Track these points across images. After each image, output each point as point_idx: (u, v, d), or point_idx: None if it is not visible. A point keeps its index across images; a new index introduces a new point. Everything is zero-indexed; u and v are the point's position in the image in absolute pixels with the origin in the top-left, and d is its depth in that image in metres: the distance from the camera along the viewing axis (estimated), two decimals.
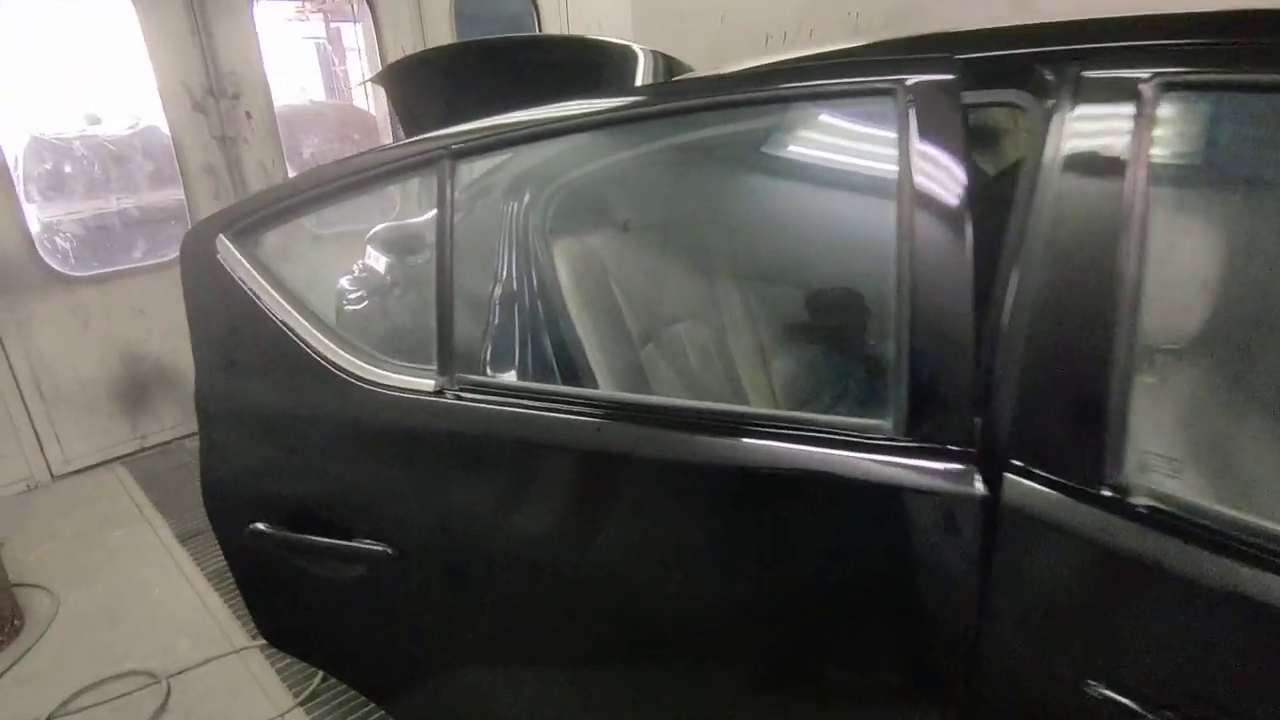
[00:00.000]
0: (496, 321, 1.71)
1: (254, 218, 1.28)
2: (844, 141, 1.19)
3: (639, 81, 2.09)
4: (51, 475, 3.68)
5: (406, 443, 1.17)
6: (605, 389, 1.50)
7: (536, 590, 1.12)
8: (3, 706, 2.31)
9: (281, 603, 1.33)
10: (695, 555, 1.05)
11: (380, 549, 1.16)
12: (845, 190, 1.27)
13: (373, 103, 5.65)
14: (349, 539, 1.18)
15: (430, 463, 1.16)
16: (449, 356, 1.18)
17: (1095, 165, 0.92)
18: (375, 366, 1.21)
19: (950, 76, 0.99)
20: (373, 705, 2.21)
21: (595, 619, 1.09)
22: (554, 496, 1.09)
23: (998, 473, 0.96)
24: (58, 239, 3.76)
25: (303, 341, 1.23)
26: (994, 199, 1.10)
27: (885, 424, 1.03)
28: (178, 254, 3.88)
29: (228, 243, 1.29)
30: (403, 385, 1.18)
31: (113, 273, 3.75)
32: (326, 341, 1.22)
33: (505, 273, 1.81)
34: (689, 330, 1.98)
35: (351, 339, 1.23)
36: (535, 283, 1.77)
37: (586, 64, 2.10)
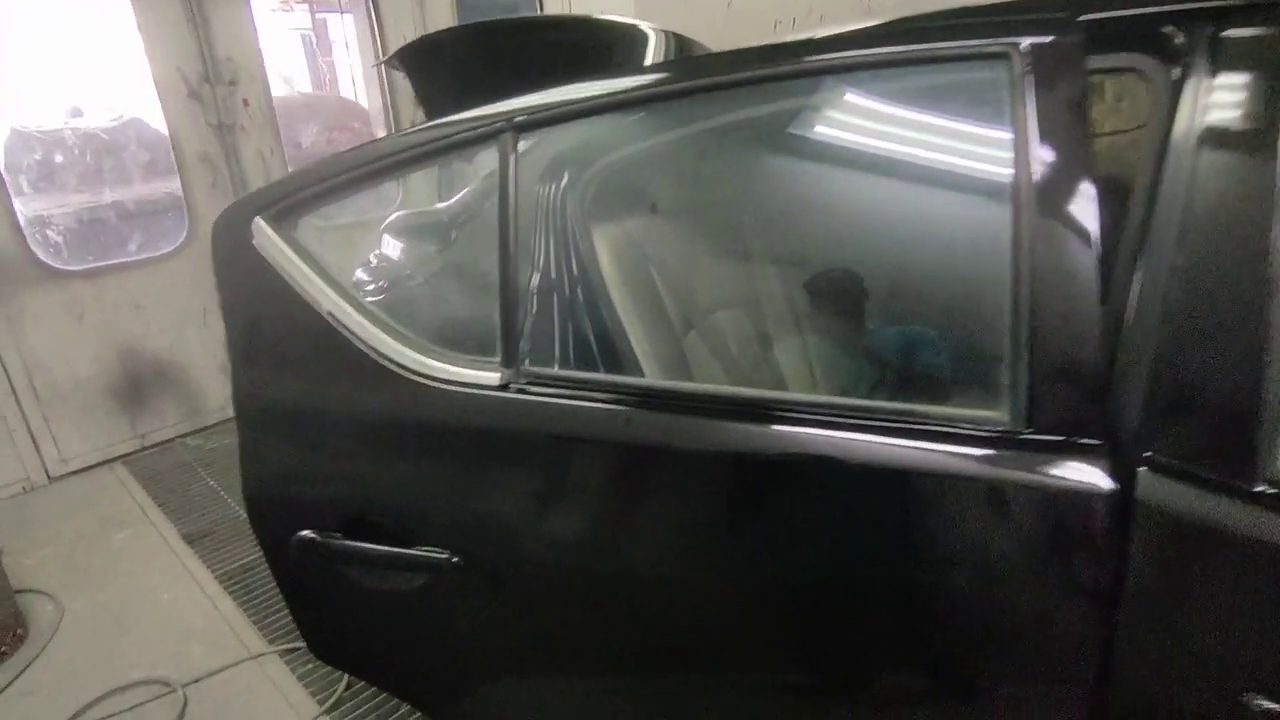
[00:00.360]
0: (534, 311, 1.62)
1: (294, 199, 1.19)
2: (939, 115, 1.11)
3: (649, 61, 2.00)
4: (48, 476, 3.56)
5: (470, 442, 1.08)
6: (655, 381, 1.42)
7: (615, 599, 1.04)
8: None
9: (332, 615, 1.24)
10: (824, 565, 0.97)
11: (443, 557, 1.07)
12: (938, 168, 1.19)
13: (364, 95, 5.53)
14: (407, 547, 1.09)
15: (497, 463, 1.07)
16: (514, 347, 1.09)
17: (1240, 139, 0.85)
18: (431, 359, 1.11)
19: (1074, 39, 0.91)
20: (402, 711, 2.13)
21: (691, 632, 1.01)
22: (638, 499, 1.01)
23: (1129, 468, 0.88)
24: (49, 232, 3.62)
25: (351, 334, 1.13)
26: (1111, 174, 1.02)
27: (1000, 415, 0.96)
28: (176, 246, 3.79)
29: (265, 226, 1.19)
30: (463, 379, 1.09)
31: (107, 267, 3.62)
32: (377, 333, 1.13)
33: (542, 259, 1.72)
34: (731, 318, 1.90)
35: (404, 330, 1.14)
36: (575, 270, 1.68)
37: (598, 44, 2.01)
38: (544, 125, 1.17)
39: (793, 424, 0.97)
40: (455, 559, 1.06)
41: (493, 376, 1.09)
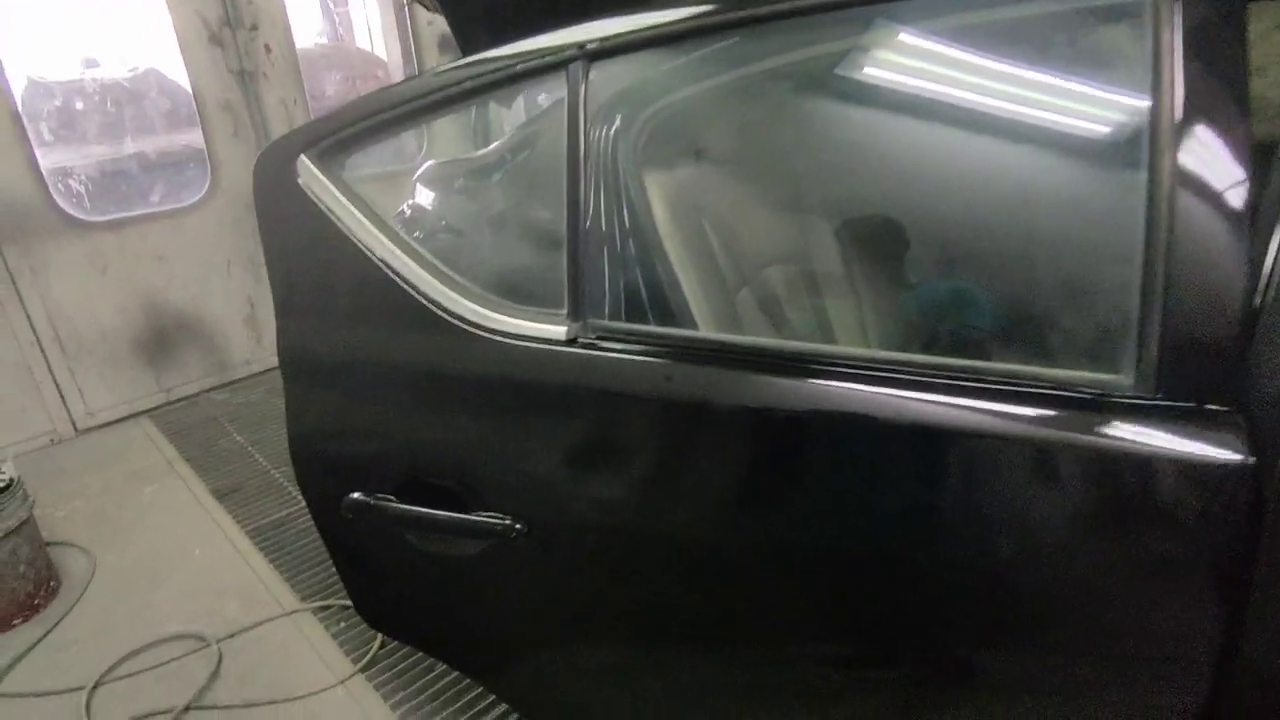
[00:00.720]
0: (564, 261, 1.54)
1: (341, 135, 1.10)
2: (1048, 44, 1.01)
3: None
4: (75, 429, 3.54)
5: (534, 400, 1.01)
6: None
7: (693, 570, 0.98)
8: (45, 673, 2.21)
9: (382, 581, 1.19)
10: (924, 538, 0.90)
11: (505, 523, 1.01)
12: (1046, 108, 1.09)
13: (381, 46, 5.38)
14: (465, 512, 1.02)
15: (564, 424, 1.00)
16: (582, 299, 1.02)
17: None
18: (492, 311, 1.04)
19: None
20: (437, 671, 2.11)
21: (780, 603, 0.95)
22: (718, 466, 0.94)
23: (1267, 438, 0.80)
24: (71, 183, 3.55)
25: (406, 283, 1.06)
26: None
27: (1121, 379, 0.87)
28: (199, 197, 3.72)
29: (310, 165, 1.11)
30: (527, 333, 1.02)
31: (130, 218, 3.56)
32: (435, 283, 1.05)
33: (591, 207, 1.63)
34: (786, 275, 1.81)
35: (463, 280, 1.06)
36: (626, 219, 1.59)
37: None
38: (619, 53, 1.08)
39: (895, 386, 0.89)
40: (518, 525, 1.00)
41: (559, 330, 1.01)
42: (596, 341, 1.00)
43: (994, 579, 0.93)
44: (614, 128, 1.66)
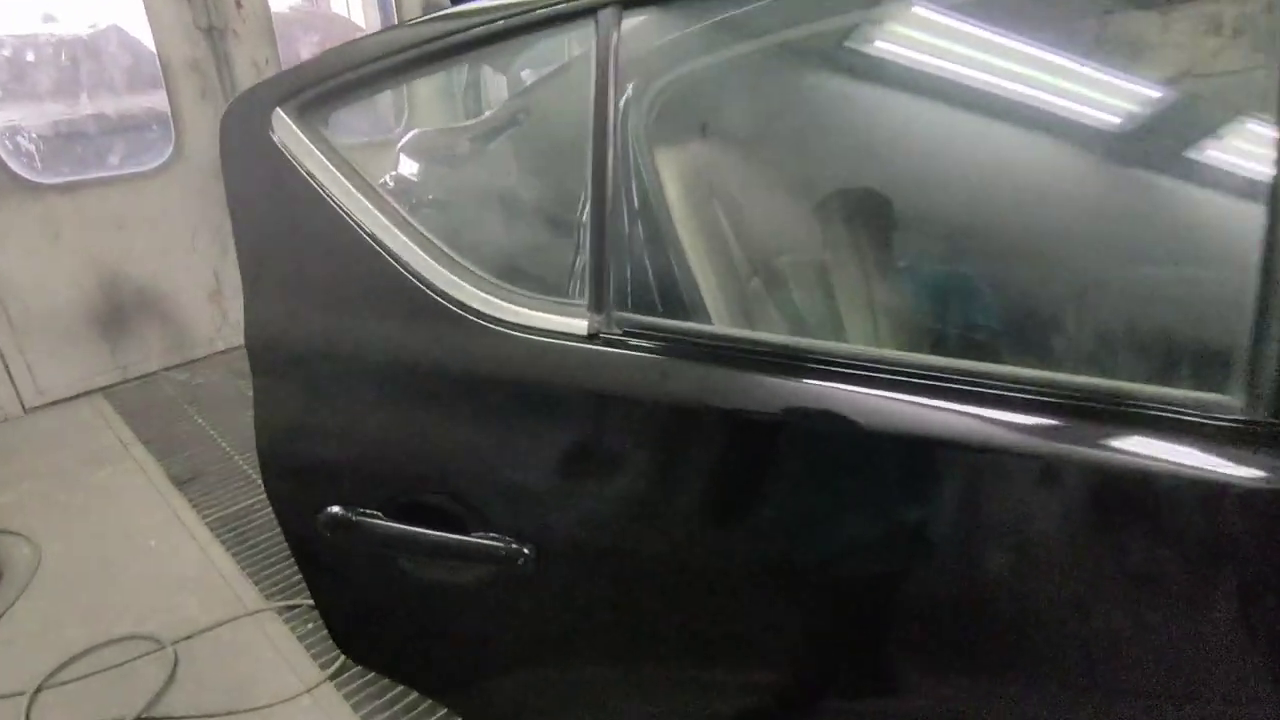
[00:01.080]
0: (587, 245, 1.40)
1: (325, 86, 0.94)
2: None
3: None
4: (23, 407, 3.31)
5: (548, 404, 0.87)
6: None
7: (732, 605, 0.85)
8: None
9: (364, 608, 1.04)
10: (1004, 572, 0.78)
11: (511, 546, 0.87)
12: (1125, 85, 0.97)
13: (358, 11, 5.15)
14: (463, 532, 0.88)
15: (583, 433, 0.86)
16: (605, 289, 0.88)
17: None
18: (500, 299, 0.89)
19: None
20: None
21: (871, 636, 0.82)
22: (771, 478, 0.81)
23: None
24: (20, 140, 3.29)
25: (400, 262, 0.91)
26: None
27: (1230, 399, 0.76)
28: (162, 162, 3.49)
29: (288, 119, 0.95)
30: (541, 325, 0.87)
31: (86, 181, 3.32)
32: (434, 264, 0.90)
33: (616, 184, 1.49)
34: (800, 266, 1.68)
35: (465, 262, 0.92)
36: (635, 200, 1.45)
37: None
38: (657, 2, 0.93)
39: (968, 401, 0.76)
40: (525, 549, 0.86)
41: (578, 324, 0.87)
42: (622, 338, 0.86)
43: (1074, 626, 0.81)
44: (624, 97, 1.51)
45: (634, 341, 0.86)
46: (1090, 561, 0.77)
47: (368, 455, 0.92)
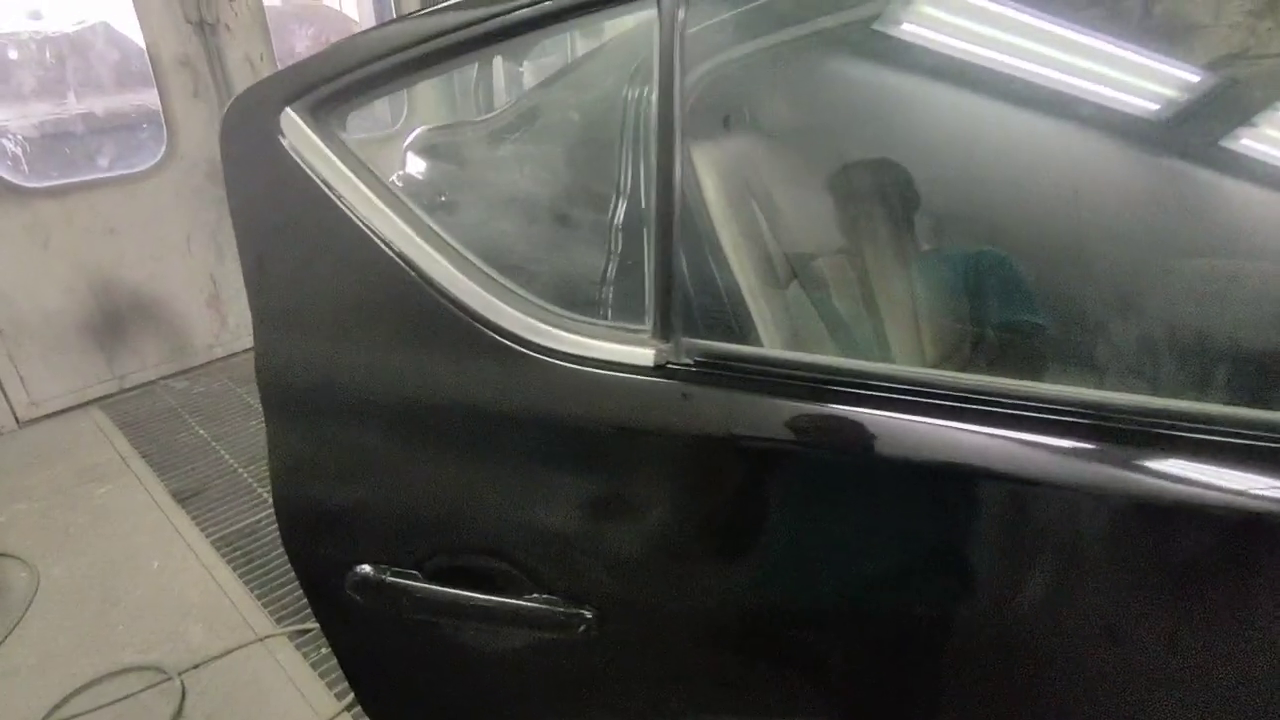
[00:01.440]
0: (619, 250, 1.28)
1: (340, 83, 0.81)
2: None
3: None
4: (17, 421, 3.19)
5: (610, 448, 0.75)
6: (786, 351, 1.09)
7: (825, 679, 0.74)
8: None
9: (401, 679, 0.92)
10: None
11: (571, 611, 0.75)
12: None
13: (351, 6, 5.00)
14: (513, 594, 0.76)
15: (653, 478, 0.75)
16: (672, 311, 0.76)
17: None
18: (549, 325, 0.78)
19: None
20: None
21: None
22: (884, 532, 0.69)
23: None
24: (5, 142, 3.16)
25: (434, 285, 0.79)
26: None
27: None
28: (154, 163, 3.35)
29: (299, 121, 0.82)
30: (598, 356, 0.76)
31: (75, 184, 3.18)
32: (472, 286, 0.78)
33: (628, 185, 1.36)
34: (836, 267, 1.56)
35: (509, 283, 0.80)
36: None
37: None
38: None
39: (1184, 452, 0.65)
40: (585, 612, 0.74)
41: (642, 354, 0.75)
42: (694, 369, 0.75)
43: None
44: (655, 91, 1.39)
45: (708, 373, 0.75)
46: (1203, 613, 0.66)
47: (401, 508, 0.81)
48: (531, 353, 0.78)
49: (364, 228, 0.81)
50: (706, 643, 0.78)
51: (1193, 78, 1.10)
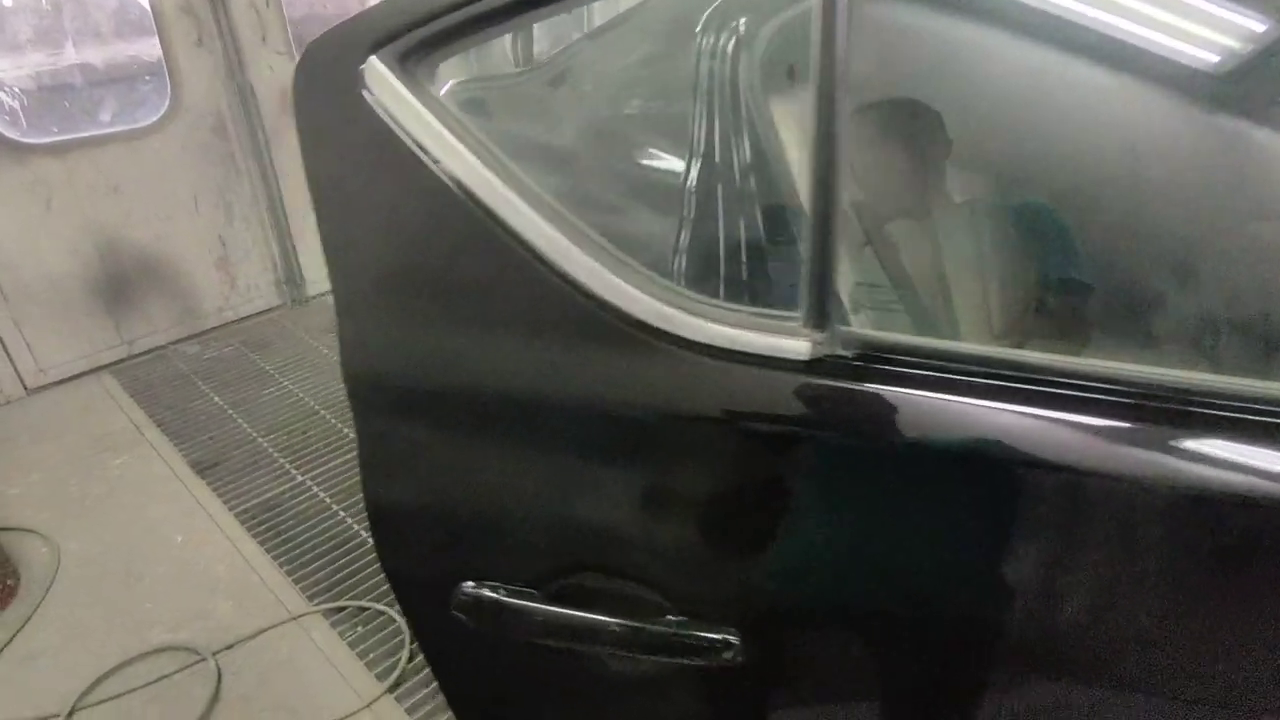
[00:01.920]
0: (692, 216, 1.18)
1: (436, 26, 0.70)
2: None
3: None
4: (25, 388, 3.09)
5: (759, 454, 0.66)
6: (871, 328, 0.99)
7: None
8: (8, 695, 1.85)
9: (515, 708, 0.83)
10: None
11: (714, 635, 0.66)
12: None
13: None
14: (642, 617, 0.67)
15: (810, 488, 0.65)
16: (828, 295, 0.66)
17: None
18: (681, 310, 0.68)
19: None
20: None
21: None
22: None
23: None
24: (1, 95, 2.99)
25: (551, 266, 0.69)
26: None
27: None
28: (158, 117, 3.19)
29: (386, 73, 0.71)
30: (742, 348, 0.66)
31: (77, 140, 3.03)
32: (595, 266, 0.68)
33: (703, 144, 1.26)
34: (910, 231, 1.45)
35: (634, 263, 0.69)
36: (749, 160, 1.23)
37: None
38: None
39: None
40: (729, 637, 0.66)
41: (794, 346, 0.65)
42: (854, 362, 0.65)
43: None
44: (733, 38, 1.27)
45: (871, 367, 0.65)
46: None
47: (515, 518, 0.71)
48: (663, 343, 0.68)
49: (465, 196, 0.70)
50: (874, 676, 0.70)
51: (1261, 28, 0.99)
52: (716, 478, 0.68)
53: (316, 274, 3.78)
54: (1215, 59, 0.95)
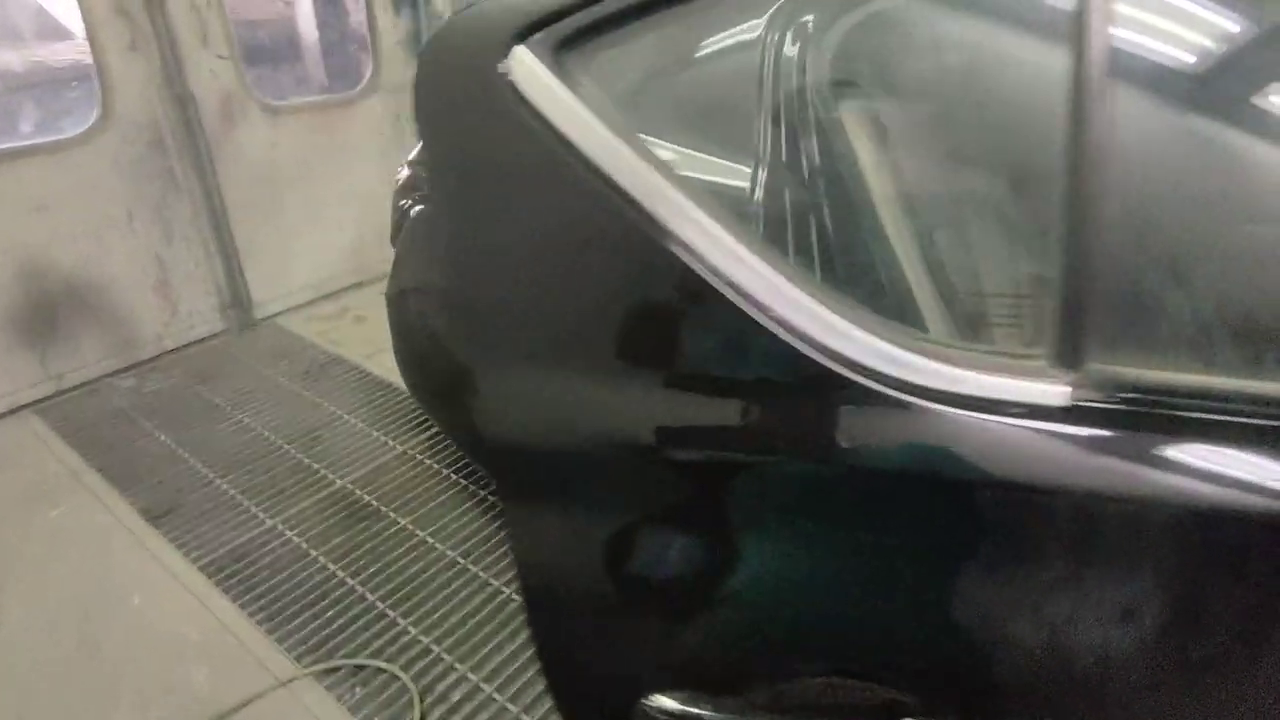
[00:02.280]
0: (761, 230, 1.08)
1: (594, 14, 0.56)
2: None
3: None
4: None
5: (1014, 525, 0.55)
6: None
7: None
8: None
9: None
10: None
11: None
12: None
13: None
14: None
15: (1088, 580, 0.54)
16: (1082, 326, 0.56)
17: None
18: (903, 350, 0.56)
19: None
20: None
21: None
22: None
23: None
24: None
25: (751, 299, 0.56)
26: None
27: None
28: (87, 128, 2.89)
29: (538, 66, 0.57)
30: (979, 394, 0.55)
31: None
32: (804, 300, 0.56)
33: (768, 150, 1.16)
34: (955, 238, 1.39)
35: (843, 295, 0.58)
36: (818, 167, 1.14)
37: None
38: None
39: None
40: None
41: (1044, 391, 0.55)
42: (1119, 408, 0.55)
43: None
44: (799, 39, 1.18)
45: (1140, 413, 0.55)
46: None
47: (721, 615, 0.58)
48: (887, 389, 0.56)
49: (648, 216, 0.58)
50: None
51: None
52: (963, 557, 0.57)
53: (264, 294, 3.51)
54: None
